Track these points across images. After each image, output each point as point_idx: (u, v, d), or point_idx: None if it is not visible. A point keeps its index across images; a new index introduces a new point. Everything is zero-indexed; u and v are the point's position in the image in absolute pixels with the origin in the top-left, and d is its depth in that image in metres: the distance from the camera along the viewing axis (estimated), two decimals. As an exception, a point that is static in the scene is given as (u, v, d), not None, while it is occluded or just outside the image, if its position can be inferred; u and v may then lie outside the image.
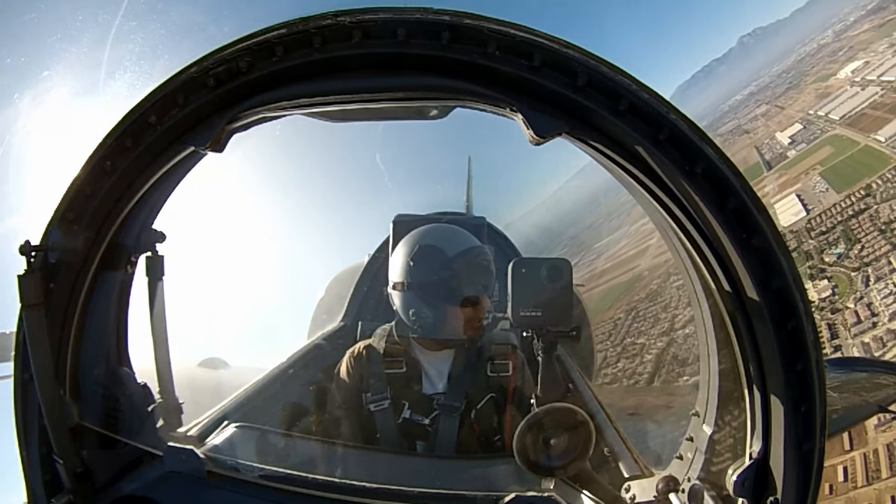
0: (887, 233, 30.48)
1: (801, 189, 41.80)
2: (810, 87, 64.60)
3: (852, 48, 66.44)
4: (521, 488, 1.28)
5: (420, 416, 1.92)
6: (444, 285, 1.85)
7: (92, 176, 1.27)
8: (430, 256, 1.87)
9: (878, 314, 25.47)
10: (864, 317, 25.94)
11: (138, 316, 1.58)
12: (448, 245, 1.90)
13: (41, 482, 1.34)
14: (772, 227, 1.02)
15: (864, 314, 26.07)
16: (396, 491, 1.28)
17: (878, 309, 25.77)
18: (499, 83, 1.10)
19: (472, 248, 1.93)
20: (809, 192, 40.43)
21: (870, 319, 25.57)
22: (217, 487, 1.32)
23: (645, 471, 1.60)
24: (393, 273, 1.94)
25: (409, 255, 1.89)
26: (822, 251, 32.66)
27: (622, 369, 32.10)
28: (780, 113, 63.79)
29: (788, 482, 1.03)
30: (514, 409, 1.94)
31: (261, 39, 1.12)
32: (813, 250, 32.98)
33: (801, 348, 1.01)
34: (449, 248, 1.89)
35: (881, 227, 31.16)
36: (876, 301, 26.23)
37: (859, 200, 34.44)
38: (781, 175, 47.26)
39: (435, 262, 1.87)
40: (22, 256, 1.25)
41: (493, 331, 2.37)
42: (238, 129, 1.25)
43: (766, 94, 77.57)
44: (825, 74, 65.13)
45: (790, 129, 55.03)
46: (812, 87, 64.48)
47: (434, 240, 1.92)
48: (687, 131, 1.03)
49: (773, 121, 63.01)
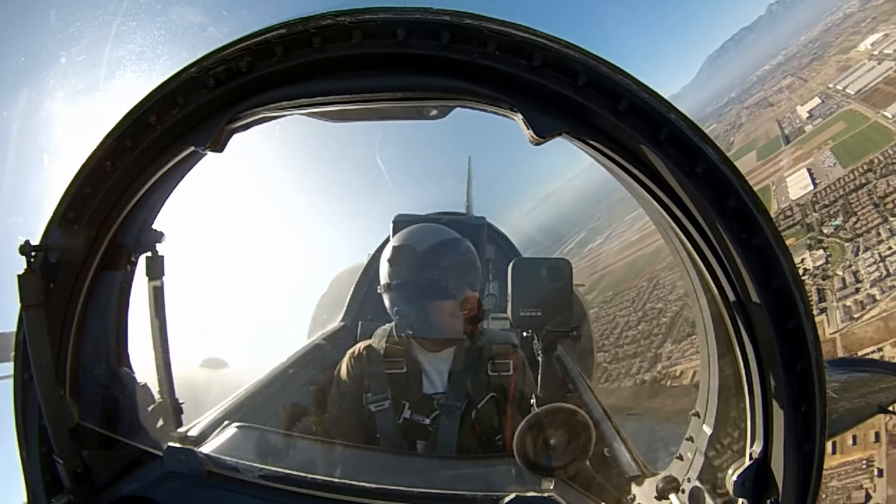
0: (880, 206, 32.91)
1: (812, 163, 43.63)
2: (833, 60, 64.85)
3: (875, 19, 66.41)
4: (521, 488, 1.27)
5: (421, 417, 1.92)
6: (419, 281, 1.88)
7: (92, 176, 1.27)
8: (403, 255, 1.92)
9: (862, 280, 28.10)
10: (849, 283, 28.60)
11: (138, 316, 1.58)
12: (419, 242, 1.94)
13: (41, 482, 1.34)
14: (772, 227, 1.02)
15: (849, 280, 28.73)
16: (396, 491, 1.28)
17: (862, 276, 28.43)
18: (499, 83, 1.10)
19: (445, 242, 1.96)
20: (819, 166, 42.32)
21: (854, 285, 28.18)
22: (217, 487, 1.32)
23: (645, 471, 1.60)
24: (381, 276, 1.99)
25: (387, 256, 1.95)
26: (822, 223, 35.18)
27: (641, 331, 35.99)
28: (803, 86, 64.42)
29: (788, 482, 1.03)
30: (514, 408, 1.94)
31: (261, 39, 1.12)
32: (815, 222, 35.64)
33: (801, 348, 1.01)
34: (419, 245, 1.92)
35: (875, 202, 33.53)
36: (861, 269, 28.90)
37: (861, 175, 36.67)
38: (797, 149, 48.84)
39: (407, 260, 1.91)
40: (22, 256, 1.25)
41: (494, 330, 2.37)
42: (238, 129, 1.25)
43: (792, 65, 77.91)
44: (847, 46, 65.23)
45: (810, 103, 56.10)
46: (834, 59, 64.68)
47: (407, 239, 1.97)
48: (687, 131, 1.03)
49: (796, 94, 63.81)
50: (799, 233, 35.80)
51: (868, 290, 26.90)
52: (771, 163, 51.81)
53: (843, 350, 24.06)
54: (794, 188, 41.33)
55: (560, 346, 1.69)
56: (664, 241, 1.35)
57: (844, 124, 46.52)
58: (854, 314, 26.06)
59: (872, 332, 24.34)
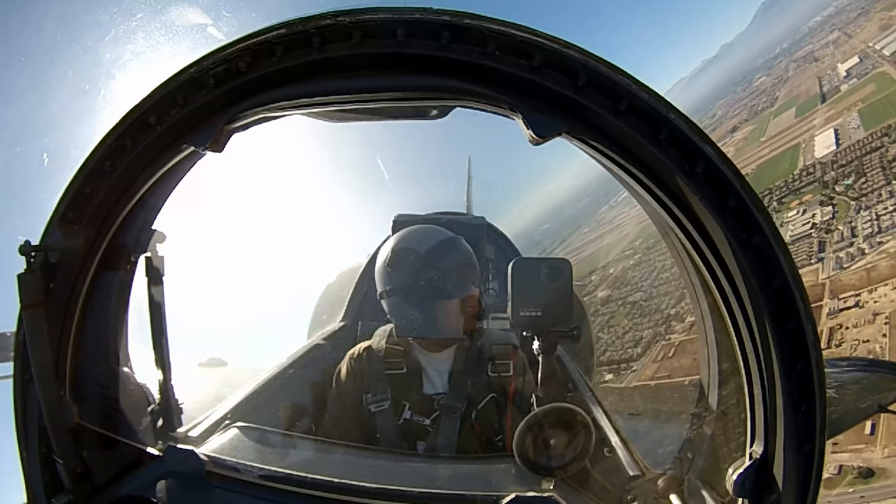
0: (887, 169, 36.37)
1: (840, 124, 46.17)
2: (877, 17, 64.84)
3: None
4: (521, 488, 1.27)
5: (421, 417, 1.92)
6: (417, 284, 1.87)
7: (92, 176, 1.27)
8: (400, 259, 1.89)
9: (857, 236, 32.61)
10: (846, 237, 33.21)
11: (138, 316, 1.58)
12: (416, 244, 1.91)
13: (41, 482, 1.34)
14: (772, 226, 1.02)
15: (846, 234, 33.37)
16: (396, 491, 1.28)
17: (858, 232, 32.87)
18: (499, 83, 1.10)
19: (445, 241, 1.94)
20: (846, 127, 45.03)
21: (849, 239, 32.72)
22: (217, 487, 1.31)
23: (645, 471, 1.59)
24: (378, 282, 1.95)
25: (383, 262, 1.92)
26: (836, 181, 38.99)
27: (673, 273, 38.69)
28: (847, 42, 64.83)
29: (788, 482, 1.03)
30: (515, 409, 1.94)
31: (261, 39, 1.12)
32: (830, 180, 39.44)
33: (801, 348, 1.01)
34: (418, 247, 1.90)
35: (884, 165, 36.87)
36: (859, 225, 33.33)
37: (877, 139, 39.93)
38: (831, 109, 50.83)
39: (405, 263, 1.88)
40: (22, 256, 1.25)
41: (494, 330, 2.36)
42: (238, 129, 1.25)
43: (840, 19, 77.41)
44: (891, 3, 65.22)
45: (850, 61, 57.19)
46: (878, 15, 64.69)
47: (403, 242, 1.94)
48: (687, 131, 1.03)
49: (840, 50, 64.39)
50: (816, 189, 39.59)
51: (860, 245, 31.47)
52: (806, 121, 52.98)
53: (829, 293, 28.68)
54: (820, 147, 44.12)
55: (560, 346, 1.68)
56: (664, 241, 1.35)
57: (874, 87, 47.52)
58: (844, 264, 30.62)
59: (856, 280, 28.68)
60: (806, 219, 37.96)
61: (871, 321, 24.85)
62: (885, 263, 28.07)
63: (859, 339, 24.18)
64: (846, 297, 27.73)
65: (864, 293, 27.26)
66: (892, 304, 24.99)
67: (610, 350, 39.10)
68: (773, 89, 74.68)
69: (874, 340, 23.53)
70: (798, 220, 38.45)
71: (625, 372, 35.87)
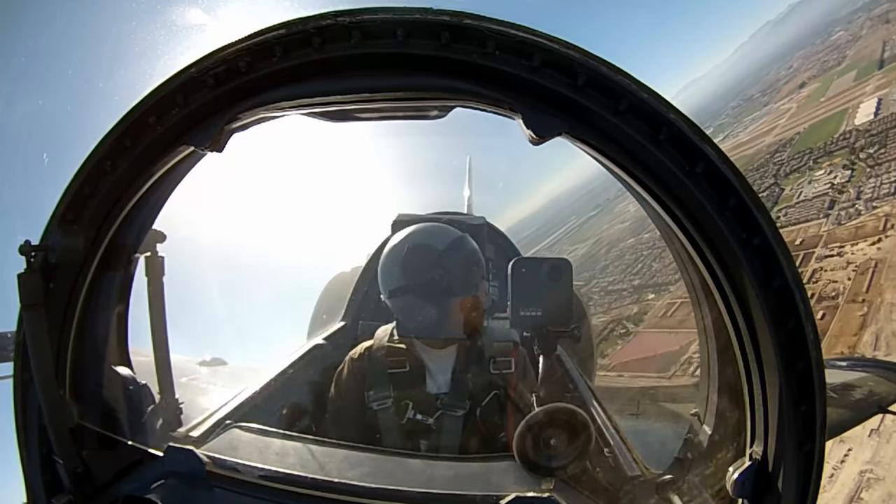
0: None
1: (887, 94, 47.78)
2: None
3: None
4: (521, 488, 1.27)
5: (424, 416, 1.91)
6: (440, 280, 1.85)
7: (92, 176, 1.27)
8: (422, 255, 1.87)
9: (861, 198, 36.12)
10: (851, 198, 37.04)
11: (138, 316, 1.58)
12: (437, 241, 1.90)
13: (41, 482, 1.34)
14: (772, 226, 1.02)
15: (852, 196, 37.23)
16: (396, 491, 1.28)
17: (863, 195, 36.39)
18: (498, 83, 1.10)
19: (458, 239, 1.94)
20: (889, 98, 46.75)
21: (853, 201, 36.39)
22: (217, 487, 1.31)
23: (645, 471, 1.59)
24: (387, 281, 1.92)
25: (399, 259, 1.89)
26: (862, 149, 41.74)
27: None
28: None
29: (788, 482, 1.03)
30: (516, 407, 1.94)
31: (261, 39, 1.12)
32: (859, 147, 42.33)
33: (801, 348, 1.01)
34: (439, 243, 1.89)
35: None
36: (864, 189, 36.81)
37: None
38: (885, 76, 51.97)
39: (428, 260, 1.86)
40: (22, 256, 1.25)
41: (495, 328, 2.36)
42: (238, 129, 1.25)
43: None
44: None
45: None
46: None
47: (423, 238, 1.92)
48: (687, 131, 1.03)
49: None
50: (845, 154, 42.70)
51: (858, 207, 35.49)
52: (861, 85, 53.78)
53: (823, 244, 33.34)
54: (861, 115, 46.17)
55: (560, 346, 1.68)
56: (664, 241, 1.35)
57: (926, 58, 49.44)
58: (842, 221, 35.09)
59: (845, 235, 33.14)
60: (828, 179, 41.09)
61: (843, 268, 29.92)
62: (872, 224, 32.57)
63: (830, 279, 29.33)
64: (833, 246, 32.69)
65: (848, 245, 32.03)
66: (863, 257, 29.78)
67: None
68: (845, 46, 73.12)
69: (840, 282, 28.57)
70: (822, 180, 41.50)
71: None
